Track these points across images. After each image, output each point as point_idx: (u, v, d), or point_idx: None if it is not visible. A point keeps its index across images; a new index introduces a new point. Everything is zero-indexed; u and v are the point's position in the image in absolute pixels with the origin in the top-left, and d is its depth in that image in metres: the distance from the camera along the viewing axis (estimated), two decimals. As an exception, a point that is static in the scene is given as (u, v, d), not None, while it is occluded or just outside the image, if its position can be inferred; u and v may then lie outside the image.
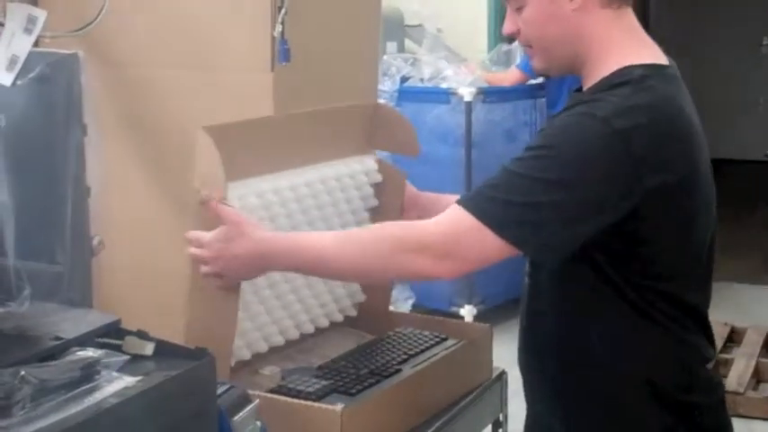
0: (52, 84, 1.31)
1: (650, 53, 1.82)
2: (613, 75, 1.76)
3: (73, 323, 1.52)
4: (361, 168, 2.25)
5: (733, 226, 7.20)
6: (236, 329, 1.96)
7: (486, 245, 1.70)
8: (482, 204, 1.71)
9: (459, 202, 1.74)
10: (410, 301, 5.53)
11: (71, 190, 1.35)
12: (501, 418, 2.37)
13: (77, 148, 1.34)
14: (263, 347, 2.09)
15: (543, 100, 5.76)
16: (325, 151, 2.20)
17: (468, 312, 5.58)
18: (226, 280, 1.89)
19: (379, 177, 2.29)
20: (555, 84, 5.43)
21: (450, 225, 1.74)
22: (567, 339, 1.83)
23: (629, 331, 1.79)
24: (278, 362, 2.09)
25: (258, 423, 1.68)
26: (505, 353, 2.28)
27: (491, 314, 5.36)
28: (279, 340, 2.13)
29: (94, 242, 1.42)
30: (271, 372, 2.03)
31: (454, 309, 5.59)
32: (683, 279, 1.80)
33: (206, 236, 1.88)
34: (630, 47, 1.80)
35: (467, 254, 1.73)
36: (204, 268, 1.88)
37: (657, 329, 1.78)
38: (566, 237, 1.71)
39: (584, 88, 1.83)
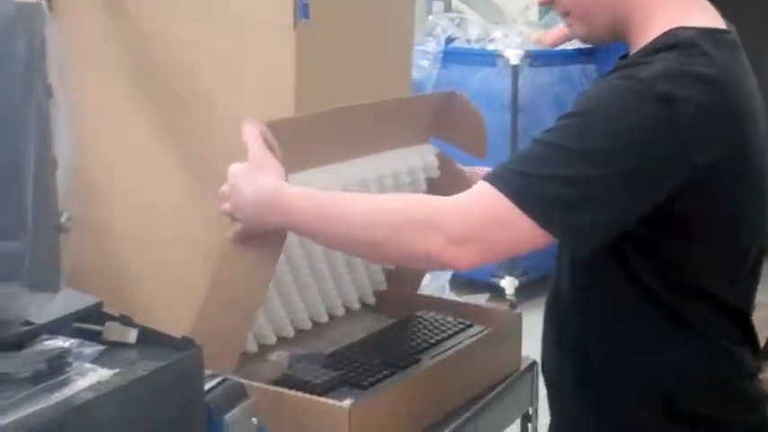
0: (10, 38, 1.14)
1: (704, 16, 1.61)
2: (659, 38, 1.57)
3: (46, 306, 1.36)
4: (420, 164, 2.07)
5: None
6: (254, 320, 1.80)
7: (517, 227, 1.47)
8: (508, 179, 1.49)
9: (484, 178, 1.52)
10: (450, 271, 5.36)
11: (34, 160, 1.18)
12: (531, 412, 2.19)
13: (40, 111, 1.17)
14: (272, 339, 1.93)
15: (593, 66, 5.52)
16: (386, 140, 2.01)
17: (509, 284, 5.39)
18: (239, 225, 1.68)
19: (437, 173, 2.09)
20: (603, 49, 5.20)
21: (473, 203, 1.51)
22: (586, 343, 1.65)
23: (653, 339, 1.59)
24: (287, 345, 1.93)
25: (254, 421, 1.51)
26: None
27: (534, 286, 5.17)
28: (289, 331, 1.97)
29: (63, 219, 1.25)
30: (278, 357, 1.87)
31: (495, 280, 5.39)
32: (725, 276, 1.59)
33: (233, 166, 1.69)
34: (679, 8, 1.61)
35: (492, 239, 1.50)
36: (225, 205, 1.68)
37: (691, 336, 1.58)
38: (599, 218, 1.48)
39: (630, 55, 1.64)
